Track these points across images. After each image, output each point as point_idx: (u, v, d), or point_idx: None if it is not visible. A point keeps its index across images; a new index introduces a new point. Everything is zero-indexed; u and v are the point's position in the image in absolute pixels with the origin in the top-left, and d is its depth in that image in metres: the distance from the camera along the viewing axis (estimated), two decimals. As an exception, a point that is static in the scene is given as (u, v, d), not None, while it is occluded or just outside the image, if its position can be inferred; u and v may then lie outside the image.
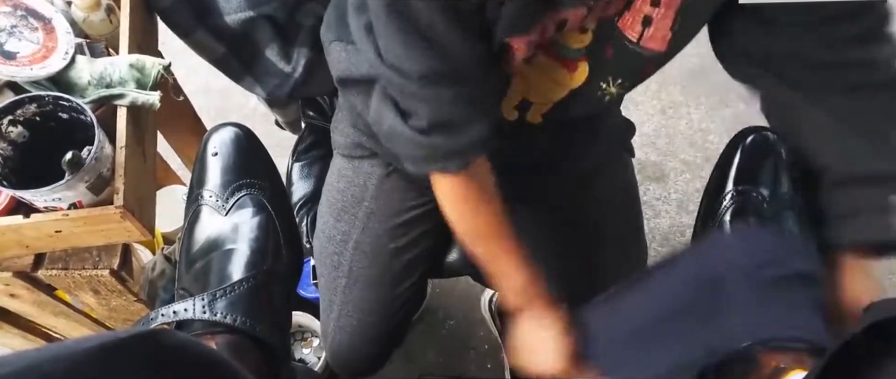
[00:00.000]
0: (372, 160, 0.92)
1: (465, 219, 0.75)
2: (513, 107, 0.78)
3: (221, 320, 0.66)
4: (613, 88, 0.75)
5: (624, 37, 0.69)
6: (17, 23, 0.88)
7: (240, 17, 1.06)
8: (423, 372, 1.46)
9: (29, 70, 0.85)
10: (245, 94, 1.23)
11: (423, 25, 0.59)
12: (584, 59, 0.72)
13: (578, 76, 0.73)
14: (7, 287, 0.96)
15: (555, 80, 0.74)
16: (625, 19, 0.68)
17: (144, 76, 0.90)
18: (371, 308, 0.95)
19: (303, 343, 1.38)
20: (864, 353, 0.51)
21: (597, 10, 0.66)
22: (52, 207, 0.84)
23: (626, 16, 0.68)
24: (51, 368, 0.39)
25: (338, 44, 0.85)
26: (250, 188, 0.77)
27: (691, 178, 1.72)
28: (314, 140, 1.25)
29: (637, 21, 0.68)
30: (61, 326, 1.16)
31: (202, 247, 0.74)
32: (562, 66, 0.72)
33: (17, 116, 0.83)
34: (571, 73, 0.73)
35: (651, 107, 1.85)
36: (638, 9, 0.67)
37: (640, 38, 0.69)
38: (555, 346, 0.75)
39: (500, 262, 0.76)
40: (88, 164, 0.80)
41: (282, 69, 1.11)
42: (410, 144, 0.68)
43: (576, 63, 0.72)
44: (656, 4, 0.67)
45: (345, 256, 0.94)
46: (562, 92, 0.75)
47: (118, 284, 0.95)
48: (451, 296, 1.57)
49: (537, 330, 0.77)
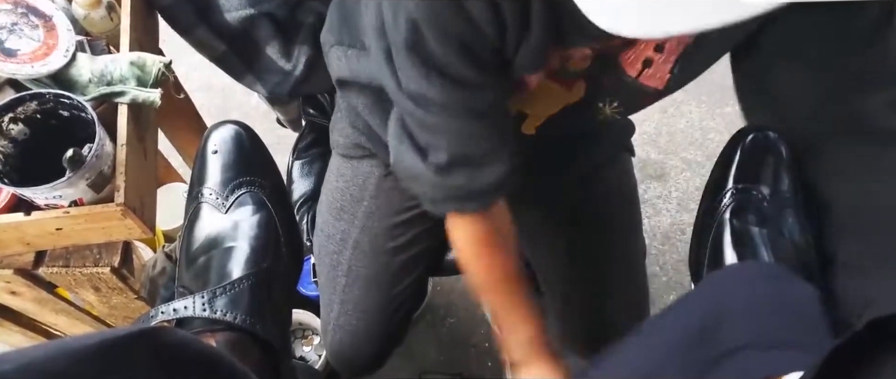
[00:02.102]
0: (371, 160, 0.92)
1: (480, 263, 0.73)
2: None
3: (221, 318, 0.66)
4: (609, 110, 0.75)
5: (623, 72, 0.69)
6: (18, 20, 0.88)
7: (240, 14, 1.05)
8: (424, 370, 1.46)
9: (30, 68, 0.85)
10: (246, 92, 1.23)
11: (440, 64, 0.59)
12: (582, 79, 0.72)
13: (574, 93, 0.73)
14: (8, 284, 0.96)
15: (550, 95, 0.73)
16: (626, 55, 0.68)
17: (145, 74, 0.90)
18: (371, 307, 0.95)
19: (303, 341, 1.39)
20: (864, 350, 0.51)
21: (601, 47, 0.66)
22: (53, 204, 0.84)
23: (629, 53, 0.68)
24: (51, 365, 0.40)
25: (338, 49, 0.84)
26: (250, 186, 0.77)
27: (692, 176, 1.72)
28: (315, 138, 1.25)
29: (638, 60, 0.68)
30: (62, 323, 1.16)
31: (202, 244, 0.74)
32: (558, 84, 0.72)
33: (18, 114, 0.83)
34: (568, 90, 0.73)
35: (651, 106, 1.85)
36: (641, 51, 0.67)
37: (638, 76, 0.69)
38: None
39: (511, 313, 0.75)
40: (89, 161, 0.80)
41: (282, 67, 1.11)
42: (429, 185, 0.67)
43: (573, 82, 0.72)
44: (659, 50, 0.66)
45: (344, 255, 0.94)
46: (556, 106, 0.75)
47: (119, 282, 0.95)
48: (452, 294, 1.57)
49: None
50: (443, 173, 0.65)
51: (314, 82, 1.14)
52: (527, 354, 0.76)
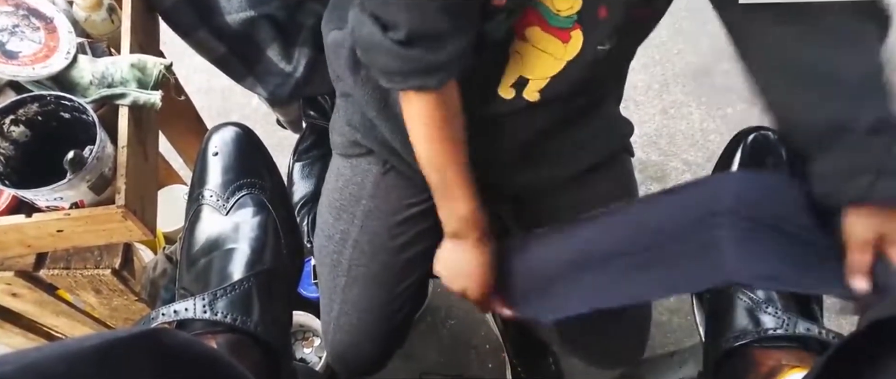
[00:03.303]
0: (369, 158, 0.93)
1: (430, 141, 0.74)
2: (509, 85, 0.78)
3: (222, 320, 0.66)
4: (608, 45, 0.74)
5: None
6: (19, 22, 0.88)
7: (241, 16, 1.06)
8: (424, 371, 1.46)
9: (31, 70, 0.85)
10: (246, 94, 1.23)
11: None
12: (577, 27, 0.71)
13: (573, 46, 0.72)
14: (9, 286, 0.96)
15: (549, 53, 0.73)
16: None
17: (146, 76, 0.90)
18: (371, 307, 0.95)
19: (304, 342, 1.39)
20: (865, 352, 0.51)
21: None
22: (54, 206, 0.84)
23: None
24: (52, 366, 0.39)
25: (337, 33, 0.86)
26: (251, 188, 0.77)
27: (692, 177, 1.72)
28: (315, 140, 1.25)
29: None
30: (62, 325, 1.16)
31: (203, 246, 0.74)
32: (555, 38, 0.72)
33: (19, 116, 0.83)
34: (565, 43, 0.72)
35: (652, 107, 1.85)
36: None
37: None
38: (470, 274, 0.80)
39: (453, 188, 0.77)
40: (90, 163, 0.80)
41: (283, 69, 1.11)
42: (389, 56, 0.67)
43: (568, 33, 0.72)
44: None
45: (344, 255, 0.94)
46: (558, 65, 0.74)
47: (119, 284, 0.96)
48: (453, 295, 1.56)
49: (460, 255, 0.81)
50: (403, 46, 0.65)
51: (314, 84, 1.14)
52: (462, 228, 0.79)
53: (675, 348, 1.33)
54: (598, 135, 0.91)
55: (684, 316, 1.51)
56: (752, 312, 0.72)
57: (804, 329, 0.68)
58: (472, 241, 0.80)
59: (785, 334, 0.69)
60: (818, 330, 0.68)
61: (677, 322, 1.52)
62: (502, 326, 1.42)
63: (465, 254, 0.81)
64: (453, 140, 0.75)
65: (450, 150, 0.75)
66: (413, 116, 0.73)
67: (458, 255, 0.82)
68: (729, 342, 0.71)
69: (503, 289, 0.83)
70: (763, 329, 0.69)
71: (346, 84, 0.87)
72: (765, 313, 0.71)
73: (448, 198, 0.78)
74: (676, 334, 1.51)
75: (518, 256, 0.83)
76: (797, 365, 0.63)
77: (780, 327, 0.69)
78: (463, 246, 0.81)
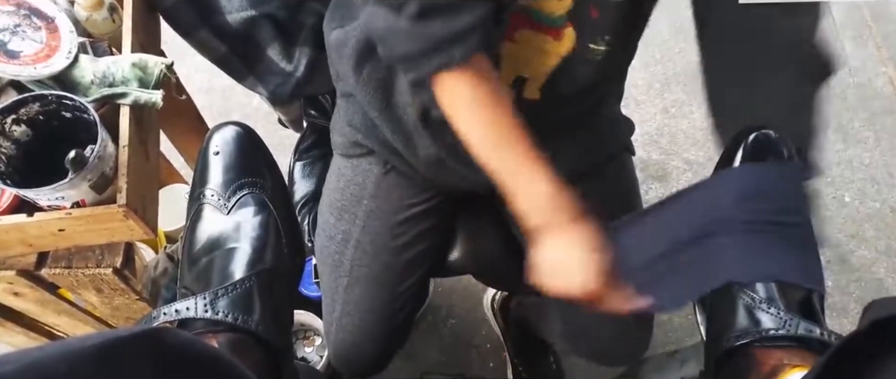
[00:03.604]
0: (369, 158, 0.93)
1: (476, 125, 0.67)
2: (508, 85, 0.78)
3: (223, 319, 0.66)
4: (602, 46, 0.73)
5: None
6: (21, 22, 0.88)
7: (242, 16, 1.06)
8: (425, 370, 1.46)
9: (32, 69, 0.85)
10: (247, 93, 1.23)
11: None
12: (569, 25, 0.71)
13: (565, 42, 0.72)
14: (10, 285, 0.96)
15: (543, 50, 0.73)
16: None
17: (147, 75, 0.90)
18: (372, 307, 0.95)
19: (305, 342, 1.39)
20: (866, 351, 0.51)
21: None
22: (56, 205, 0.84)
23: None
24: (53, 366, 0.39)
25: (339, 31, 0.85)
26: (252, 187, 0.77)
27: (693, 176, 1.72)
28: (316, 139, 1.25)
29: None
30: (64, 324, 1.17)
31: (204, 246, 0.74)
32: (547, 36, 0.72)
33: (21, 115, 0.83)
34: (558, 40, 0.72)
35: (654, 106, 1.85)
36: None
37: None
38: (587, 264, 0.67)
39: (520, 173, 0.68)
40: (91, 162, 0.80)
41: (283, 68, 1.11)
42: (407, 38, 0.63)
43: (560, 31, 0.71)
44: None
45: (346, 255, 0.94)
46: (552, 61, 0.74)
47: (121, 283, 0.96)
48: (454, 295, 1.57)
49: (565, 247, 0.68)
50: (418, 21, 0.62)
51: (315, 83, 1.14)
52: (552, 211, 0.68)
53: (676, 347, 1.33)
54: (599, 134, 0.91)
55: (685, 315, 1.51)
56: (754, 312, 0.72)
57: (805, 330, 0.68)
58: (569, 222, 0.68)
59: (786, 335, 0.69)
60: (820, 331, 0.68)
61: (678, 321, 1.52)
62: (503, 325, 1.42)
63: (566, 241, 0.69)
64: (507, 115, 0.67)
65: (508, 125, 0.67)
66: (454, 104, 0.67)
67: (559, 246, 0.69)
68: (730, 341, 0.71)
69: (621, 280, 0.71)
70: (764, 329, 0.69)
71: (347, 84, 0.87)
72: (766, 313, 0.70)
73: (524, 181, 0.68)
74: (678, 333, 1.51)
75: (626, 241, 0.72)
76: (799, 364, 0.62)
77: (781, 328, 0.68)
78: (560, 234, 0.69)
